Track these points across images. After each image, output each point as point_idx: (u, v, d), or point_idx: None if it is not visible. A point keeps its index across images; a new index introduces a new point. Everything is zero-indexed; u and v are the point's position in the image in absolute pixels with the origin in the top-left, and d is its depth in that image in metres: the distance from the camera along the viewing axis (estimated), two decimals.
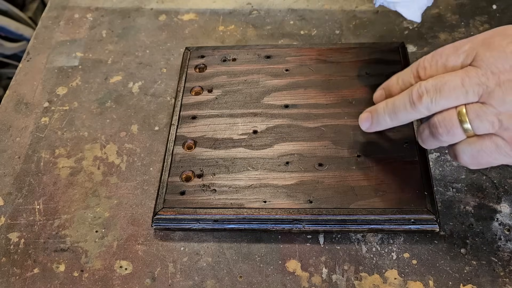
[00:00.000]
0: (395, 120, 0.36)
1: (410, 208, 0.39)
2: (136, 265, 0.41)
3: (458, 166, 0.44)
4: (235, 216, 0.40)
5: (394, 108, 0.36)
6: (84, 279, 0.40)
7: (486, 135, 0.32)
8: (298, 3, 0.60)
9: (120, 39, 0.57)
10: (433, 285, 0.38)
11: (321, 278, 0.39)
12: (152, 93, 0.52)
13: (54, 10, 0.62)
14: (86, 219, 0.43)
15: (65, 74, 0.55)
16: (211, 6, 0.60)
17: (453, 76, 0.32)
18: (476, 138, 0.33)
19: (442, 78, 0.33)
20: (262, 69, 0.50)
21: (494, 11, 0.56)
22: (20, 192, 0.45)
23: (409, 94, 0.34)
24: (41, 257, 0.41)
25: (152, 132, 0.49)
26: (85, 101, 0.52)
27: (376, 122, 0.38)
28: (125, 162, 0.47)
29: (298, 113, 0.46)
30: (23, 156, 0.48)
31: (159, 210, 0.41)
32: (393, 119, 0.36)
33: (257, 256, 0.40)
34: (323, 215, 0.39)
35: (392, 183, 0.40)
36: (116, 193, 0.45)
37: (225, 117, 0.46)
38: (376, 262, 0.39)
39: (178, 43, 0.56)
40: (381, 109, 0.37)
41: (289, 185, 0.41)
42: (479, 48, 0.32)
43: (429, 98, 0.33)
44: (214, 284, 0.39)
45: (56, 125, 0.50)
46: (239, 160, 0.43)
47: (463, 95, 0.32)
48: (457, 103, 0.32)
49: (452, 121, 0.32)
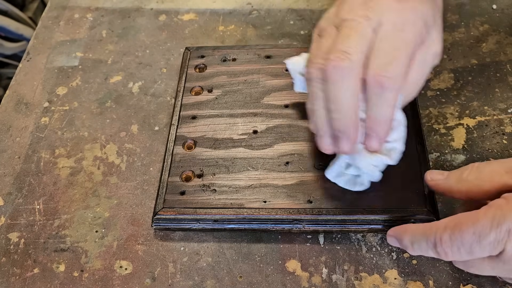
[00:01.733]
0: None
1: (410, 208, 0.39)
2: (136, 265, 0.41)
3: (458, 166, 0.44)
4: (235, 216, 0.40)
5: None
6: (84, 279, 0.40)
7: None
8: (298, 3, 0.60)
9: (120, 39, 0.57)
10: (433, 285, 0.38)
11: (321, 278, 0.39)
12: (152, 93, 0.52)
13: (54, 10, 0.62)
14: (86, 219, 0.43)
15: (65, 74, 0.55)
16: (211, 6, 0.60)
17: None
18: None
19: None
20: (262, 69, 0.50)
21: (494, 11, 0.56)
22: (20, 192, 0.45)
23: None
24: (41, 257, 0.41)
25: (152, 132, 0.49)
26: (85, 101, 0.52)
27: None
28: (125, 162, 0.47)
29: (298, 113, 0.46)
30: (23, 156, 0.48)
31: (159, 210, 0.41)
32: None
33: (257, 256, 0.40)
34: (323, 215, 0.39)
35: (392, 183, 0.40)
36: (116, 193, 0.45)
37: (225, 117, 0.46)
38: (376, 262, 0.39)
39: (178, 43, 0.56)
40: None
41: (289, 185, 0.41)
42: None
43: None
44: (214, 284, 0.39)
45: (56, 125, 0.50)
46: (239, 160, 0.43)
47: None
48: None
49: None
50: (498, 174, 0.32)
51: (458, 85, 0.49)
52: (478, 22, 0.55)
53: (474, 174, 0.33)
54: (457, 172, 0.34)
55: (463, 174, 0.34)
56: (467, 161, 0.44)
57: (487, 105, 0.47)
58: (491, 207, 0.30)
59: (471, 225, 0.30)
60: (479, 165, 0.33)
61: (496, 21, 0.54)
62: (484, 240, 0.29)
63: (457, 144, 0.45)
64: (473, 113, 0.47)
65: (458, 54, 0.52)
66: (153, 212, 0.41)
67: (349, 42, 0.33)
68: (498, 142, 0.45)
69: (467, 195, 0.34)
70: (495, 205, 0.30)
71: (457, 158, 0.44)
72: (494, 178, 0.32)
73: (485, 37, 0.53)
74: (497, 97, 0.48)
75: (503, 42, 0.52)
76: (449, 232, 0.31)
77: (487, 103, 0.48)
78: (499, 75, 0.50)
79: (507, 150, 0.44)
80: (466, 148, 0.45)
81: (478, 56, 0.51)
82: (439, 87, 0.49)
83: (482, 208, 0.30)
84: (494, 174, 0.32)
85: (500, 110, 0.47)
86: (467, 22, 0.55)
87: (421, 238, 0.33)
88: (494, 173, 0.32)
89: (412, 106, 0.45)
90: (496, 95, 0.48)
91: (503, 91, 0.48)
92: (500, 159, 0.33)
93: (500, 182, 0.31)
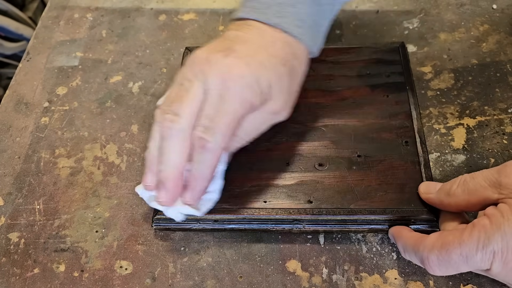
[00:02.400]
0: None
1: (410, 208, 0.39)
2: (136, 265, 0.40)
3: (458, 166, 0.44)
4: (235, 216, 0.40)
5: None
6: (84, 279, 0.40)
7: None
8: None
9: (120, 39, 0.57)
10: (433, 285, 0.38)
11: (322, 278, 0.39)
12: (152, 93, 0.52)
13: (54, 10, 0.62)
14: (86, 219, 0.43)
15: (65, 74, 0.55)
16: (211, 6, 0.60)
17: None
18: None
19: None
20: None
21: (494, 11, 0.56)
22: (20, 192, 0.45)
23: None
24: (41, 257, 0.41)
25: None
26: (85, 101, 0.52)
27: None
28: (125, 162, 0.47)
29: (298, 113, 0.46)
30: (23, 156, 0.48)
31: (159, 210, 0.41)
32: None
33: (257, 256, 0.40)
34: (323, 215, 0.39)
35: (392, 183, 0.40)
36: (116, 193, 0.45)
37: None
38: (377, 262, 0.39)
39: (178, 43, 0.56)
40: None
41: (289, 185, 0.41)
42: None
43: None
44: (214, 284, 0.39)
45: (56, 125, 0.50)
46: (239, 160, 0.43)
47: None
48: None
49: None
50: (482, 187, 0.33)
51: (458, 85, 0.49)
52: (478, 22, 0.55)
53: (461, 188, 0.34)
54: (447, 185, 0.36)
55: (451, 188, 0.35)
56: (467, 161, 0.44)
57: (487, 105, 0.47)
58: (475, 227, 0.31)
59: (457, 246, 0.31)
60: (466, 178, 0.34)
61: (496, 21, 0.54)
62: (471, 261, 0.30)
63: (457, 144, 0.45)
64: (473, 113, 0.47)
65: (458, 54, 0.52)
66: (153, 212, 0.41)
67: (181, 105, 0.35)
68: (498, 142, 0.45)
69: (457, 208, 0.35)
70: (479, 225, 0.31)
71: (457, 158, 0.44)
72: (478, 191, 0.33)
73: (485, 37, 0.53)
74: (497, 97, 0.48)
75: (503, 42, 0.52)
76: (436, 252, 0.32)
77: (487, 103, 0.48)
78: (499, 75, 0.50)
79: (507, 150, 0.44)
80: (466, 148, 0.45)
81: (478, 56, 0.51)
82: (439, 87, 0.49)
83: (467, 228, 0.31)
84: (479, 187, 0.33)
85: (500, 110, 0.47)
86: (467, 22, 0.55)
87: (411, 251, 0.35)
88: (478, 186, 0.33)
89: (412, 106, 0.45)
90: (496, 95, 0.48)
91: (503, 91, 0.48)
92: (489, 168, 0.33)
93: (483, 195, 0.33)
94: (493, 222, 0.30)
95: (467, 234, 0.31)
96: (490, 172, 0.33)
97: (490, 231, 0.30)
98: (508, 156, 0.44)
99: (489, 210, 0.31)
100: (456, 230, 0.32)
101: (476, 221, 0.31)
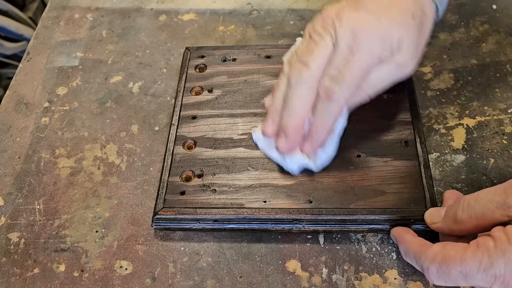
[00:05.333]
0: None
1: (410, 208, 0.39)
2: (136, 265, 0.41)
3: (458, 166, 0.44)
4: (235, 216, 0.40)
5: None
6: (84, 279, 0.40)
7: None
8: (298, 3, 0.60)
9: (120, 39, 0.57)
10: (433, 285, 0.38)
11: (321, 278, 0.39)
12: (152, 93, 0.52)
13: (54, 10, 0.62)
14: (86, 219, 0.43)
15: (65, 74, 0.55)
16: (211, 6, 0.60)
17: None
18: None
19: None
20: (262, 69, 0.50)
21: (494, 11, 0.56)
22: (20, 192, 0.45)
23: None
24: (41, 257, 0.41)
25: (152, 132, 0.49)
26: (85, 101, 0.52)
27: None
28: (125, 162, 0.47)
29: None
30: (23, 156, 0.48)
31: (159, 210, 0.41)
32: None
33: (257, 256, 0.40)
34: (323, 215, 0.39)
35: (392, 183, 0.40)
36: (116, 193, 0.45)
37: (225, 117, 0.46)
38: (376, 262, 0.39)
39: (178, 43, 0.56)
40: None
41: (289, 185, 0.41)
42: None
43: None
44: (214, 284, 0.39)
45: (56, 125, 0.50)
46: (239, 160, 0.43)
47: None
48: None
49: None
50: (489, 210, 0.32)
51: (458, 85, 0.49)
52: (478, 22, 0.55)
53: (467, 213, 0.33)
54: (451, 212, 0.34)
55: (457, 214, 0.34)
56: (467, 161, 0.44)
57: (487, 105, 0.48)
58: (480, 247, 0.30)
59: (458, 263, 0.30)
60: (470, 201, 0.33)
61: (496, 21, 0.55)
62: (470, 279, 0.30)
63: (457, 144, 0.45)
64: (473, 113, 0.47)
65: (458, 54, 0.52)
66: (153, 212, 0.41)
67: (312, 55, 0.37)
68: (498, 142, 0.45)
69: (468, 233, 0.34)
70: (483, 246, 0.30)
71: (457, 158, 0.44)
72: (487, 216, 0.32)
73: (485, 37, 0.53)
74: (497, 97, 0.48)
75: (503, 42, 0.52)
76: (436, 265, 0.32)
77: (487, 103, 0.48)
78: (499, 75, 0.50)
79: (507, 150, 0.44)
80: (466, 148, 0.45)
81: (478, 56, 0.51)
82: (439, 87, 0.49)
83: (471, 245, 0.31)
84: (486, 210, 0.32)
85: (500, 110, 0.47)
86: (467, 22, 0.55)
87: (412, 257, 0.35)
88: (486, 210, 0.32)
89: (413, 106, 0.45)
90: (496, 95, 0.48)
91: (503, 91, 0.48)
92: (488, 188, 0.33)
93: (492, 219, 0.32)
94: (498, 246, 0.30)
95: (470, 253, 0.30)
96: (495, 192, 0.32)
97: (494, 256, 0.29)
98: (508, 156, 0.44)
99: (495, 232, 0.31)
100: (459, 246, 0.31)
101: (481, 241, 0.31)
